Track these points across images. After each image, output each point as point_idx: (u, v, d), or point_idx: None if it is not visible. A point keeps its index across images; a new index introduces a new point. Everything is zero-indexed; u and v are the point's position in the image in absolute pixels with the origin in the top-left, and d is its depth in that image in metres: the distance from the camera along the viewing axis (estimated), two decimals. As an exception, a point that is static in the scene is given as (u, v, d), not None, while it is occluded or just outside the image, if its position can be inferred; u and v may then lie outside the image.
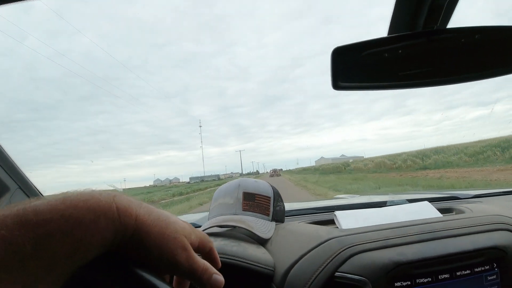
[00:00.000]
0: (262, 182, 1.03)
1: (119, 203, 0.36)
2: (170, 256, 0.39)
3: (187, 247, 0.41)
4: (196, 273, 0.42)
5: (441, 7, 0.64)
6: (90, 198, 0.35)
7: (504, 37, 0.69)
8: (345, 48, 0.67)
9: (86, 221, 0.33)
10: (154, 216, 0.39)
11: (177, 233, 0.41)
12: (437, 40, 0.68)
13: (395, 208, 1.03)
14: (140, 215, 0.38)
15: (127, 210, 0.37)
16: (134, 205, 0.38)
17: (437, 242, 0.76)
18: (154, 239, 0.38)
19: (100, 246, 0.35)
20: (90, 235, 0.33)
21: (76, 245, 0.33)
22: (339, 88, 0.67)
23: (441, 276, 0.71)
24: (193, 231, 0.45)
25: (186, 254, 0.41)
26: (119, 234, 0.36)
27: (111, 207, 0.35)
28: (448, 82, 0.70)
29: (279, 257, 0.80)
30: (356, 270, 0.70)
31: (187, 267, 0.41)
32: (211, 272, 0.43)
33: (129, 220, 0.36)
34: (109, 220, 0.35)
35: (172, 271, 0.42)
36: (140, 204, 0.39)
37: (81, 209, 0.34)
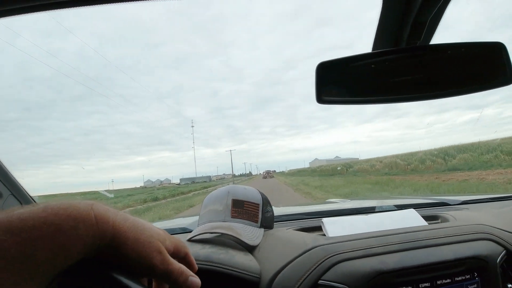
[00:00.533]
0: (251, 189, 1.04)
1: (96, 211, 0.39)
2: (146, 260, 0.41)
3: (162, 250, 0.43)
4: (172, 276, 0.43)
5: (424, 24, 0.66)
6: (69, 207, 0.37)
7: (485, 52, 0.71)
8: (329, 63, 0.68)
9: (66, 227, 0.35)
10: (130, 223, 0.42)
11: (152, 238, 0.43)
12: (420, 55, 0.69)
13: (382, 215, 1.04)
14: (116, 221, 0.40)
15: (104, 217, 0.39)
16: (111, 213, 0.40)
17: (419, 251, 0.77)
18: (130, 244, 0.40)
19: (80, 252, 0.37)
20: (71, 241, 0.35)
21: (58, 250, 0.35)
22: (323, 102, 0.69)
23: (422, 285, 0.73)
24: (168, 237, 0.47)
25: (161, 257, 0.43)
26: (98, 240, 0.38)
27: (90, 215, 0.38)
28: (431, 97, 0.71)
29: (265, 264, 0.81)
30: (339, 278, 0.72)
31: (163, 269, 0.43)
32: (187, 275, 0.45)
33: (107, 227, 0.39)
34: (88, 227, 0.37)
35: (149, 274, 0.43)
36: (116, 212, 0.41)
37: (62, 216, 0.36)
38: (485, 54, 0.70)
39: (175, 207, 16.66)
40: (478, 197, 1.50)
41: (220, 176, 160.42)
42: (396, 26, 0.68)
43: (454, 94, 0.71)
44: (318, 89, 0.68)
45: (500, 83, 0.69)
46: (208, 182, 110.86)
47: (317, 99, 0.69)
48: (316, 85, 0.68)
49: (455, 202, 1.41)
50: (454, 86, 0.71)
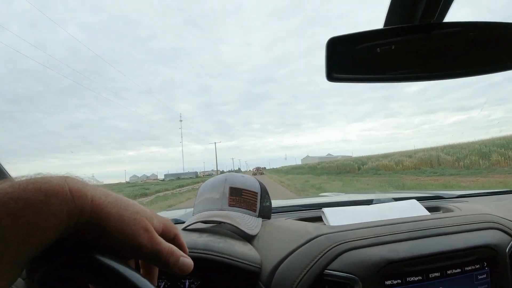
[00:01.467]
0: (249, 177, 1.01)
1: (71, 184, 0.34)
2: (132, 238, 0.36)
3: (149, 228, 0.38)
4: (162, 256, 0.39)
5: (439, 1, 0.63)
6: (40, 180, 0.32)
7: (500, 34, 0.68)
8: (340, 39, 0.65)
9: (36, 202, 0.31)
10: (112, 198, 0.37)
11: (138, 214, 0.38)
12: (434, 34, 0.66)
13: (383, 205, 1.02)
14: (96, 196, 0.35)
15: (81, 191, 0.34)
16: (89, 187, 0.35)
17: (429, 240, 0.75)
18: (113, 221, 0.35)
19: (56, 229, 0.32)
20: (43, 217, 0.31)
21: (28, 228, 0.30)
22: (333, 79, 0.65)
23: (432, 275, 0.70)
24: (155, 215, 0.42)
25: (148, 236, 0.38)
26: (75, 217, 0.33)
27: (63, 188, 0.33)
28: (443, 77, 0.69)
29: (266, 254, 0.78)
30: (346, 268, 0.68)
31: (151, 249, 0.38)
32: (178, 255, 0.40)
33: (84, 201, 0.34)
34: (62, 201, 0.32)
35: (135, 254, 0.39)
36: (95, 187, 0.36)
37: (31, 191, 0.31)
38: (501, 34, 0.68)
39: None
40: (474, 191, 1.49)
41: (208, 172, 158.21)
42: (410, 2, 0.65)
43: (468, 74, 0.68)
44: (328, 66, 0.65)
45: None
46: (194, 178, 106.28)
47: (327, 76, 0.65)
48: (326, 62, 0.65)
49: (451, 196, 1.40)
50: (468, 67, 0.68)
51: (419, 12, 0.65)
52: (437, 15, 0.66)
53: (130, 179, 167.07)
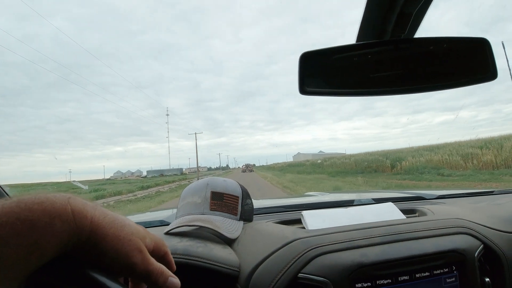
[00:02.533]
0: (231, 181, 1.03)
1: (74, 205, 0.36)
2: (126, 258, 0.39)
3: (142, 249, 0.41)
4: (152, 276, 0.42)
5: (409, 16, 0.65)
6: (44, 201, 0.35)
7: (469, 47, 0.71)
8: (313, 53, 0.67)
9: (41, 223, 0.33)
10: (109, 218, 0.39)
11: (132, 235, 0.41)
12: (404, 48, 0.69)
13: (361, 208, 1.05)
14: (95, 217, 0.37)
15: (82, 212, 0.36)
16: (89, 208, 0.38)
17: (400, 244, 0.77)
18: (109, 241, 0.38)
19: (56, 249, 0.34)
20: (46, 238, 0.33)
21: (32, 248, 0.32)
22: (306, 93, 0.68)
23: (401, 278, 0.73)
24: (148, 234, 0.45)
25: (141, 256, 0.41)
26: (75, 237, 0.35)
27: (66, 209, 0.35)
28: (413, 91, 0.71)
29: (245, 258, 0.80)
30: (319, 272, 0.71)
31: (143, 269, 0.41)
32: (167, 275, 0.43)
33: (84, 222, 0.36)
34: (65, 223, 0.35)
35: (128, 273, 0.41)
36: (95, 206, 0.39)
37: (36, 212, 0.33)
38: (469, 49, 0.70)
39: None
40: (453, 192, 1.52)
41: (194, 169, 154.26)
42: (381, 17, 0.67)
43: (438, 88, 0.71)
44: (301, 80, 0.67)
45: (484, 79, 0.69)
46: (179, 175, 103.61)
47: (300, 90, 0.67)
48: (299, 76, 0.67)
49: (431, 197, 1.43)
50: (437, 81, 0.71)
51: (390, 27, 0.67)
52: (408, 30, 0.68)
53: (114, 174, 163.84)
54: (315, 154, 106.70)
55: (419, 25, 0.69)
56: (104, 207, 0.41)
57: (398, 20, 0.66)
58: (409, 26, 0.67)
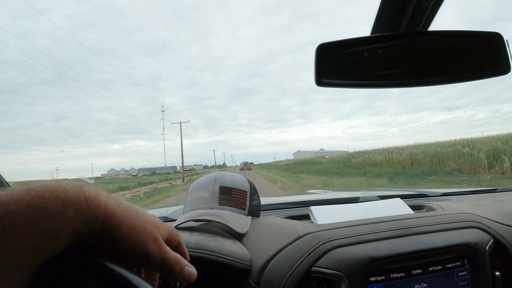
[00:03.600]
0: (239, 176, 1.02)
1: (87, 193, 0.35)
2: (141, 247, 0.38)
3: (157, 238, 0.40)
4: (168, 265, 0.40)
5: (425, 10, 0.66)
6: (57, 188, 0.33)
7: (482, 41, 0.71)
8: (329, 45, 0.67)
9: (54, 211, 0.32)
10: (123, 207, 0.38)
11: (147, 224, 0.40)
12: (419, 42, 0.69)
13: (368, 204, 1.05)
14: (109, 205, 0.36)
15: (96, 200, 0.35)
16: (102, 196, 0.37)
17: (411, 238, 0.78)
18: (124, 230, 0.37)
19: (70, 238, 0.33)
20: (59, 226, 0.32)
21: (44, 237, 0.31)
22: (322, 84, 0.68)
23: (414, 271, 0.73)
24: (162, 224, 0.43)
25: (157, 245, 0.39)
26: (89, 225, 0.34)
27: (79, 197, 0.34)
28: (427, 83, 0.71)
29: (255, 252, 0.80)
30: (333, 265, 0.71)
31: (159, 258, 0.39)
32: (183, 264, 0.42)
33: (99, 211, 0.35)
34: (78, 211, 0.33)
35: (143, 263, 0.40)
36: (108, 195, 0.38)
37: (48, 199, 0.32)
38: (483, 43, 0.71)
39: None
40: (458, 190, 1.53)
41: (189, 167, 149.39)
42: (396, 10, 0.67)
43: (451, 81, 0.71)
44: (317, 71, 0.67)
45: (496, 73, 0.70)
46: (173, 173, 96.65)
47: (316, 81, 0.67)
48: (315, 67, 0.67)
49: (435, 194, 1.43)
50: (451, 74, 0.71)
51: (405, 20, 0.67)
52: (423, 24, 0.68)
53: (108, 172, 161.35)
54: (317, 152, 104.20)
55: (433, 19, 0.70)
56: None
57: (413, 14, 0.66)
58: (423, 20, 0.68)
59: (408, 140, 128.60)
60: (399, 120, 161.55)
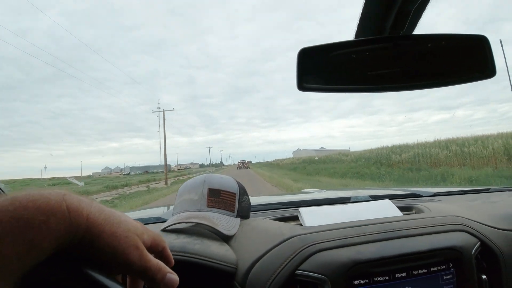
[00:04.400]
0: (228, 178, 1.02)
1: (69, 202, 0.36)
2: (123, 256, 0.39)
3: (139, 246, 0.41)
4: (150, 273, 0.41)
5: (408, 13, 0.65)
6: (39, 198, 0.34)
7: (467, 45, 0.71)
8: (311, 49, 0.67)
9: (36, 222, 0.33)
10: (106, 215, 0.39)
11: (129, 232, 0.40)
12: (402, 45, 0.69)
13: (358, 205, 1.05)
14: (91, 214, 0.37)
15: (78, 209, 0.36)
16: (84, 204, 0.37)
17: (395, 241, 0.78)
18: (106, 238, 0.37)
19: (52, 247, 0.34)
20: (41, 236, 0.33)
21: (28, 247, 0.32)
22: (304, 89, 0.67)
23: (398, 275, 0.73)
24: (145, 230, 0.44)
25: (138, 253, 0.40)
26: (71, 234, 0.35)
27: (61, 207, 0.35)
28: (412, 87, 0.71)
29: (242, 254, 0.80)
30: (317, 268, 0.71)
31: (140, 266, 0.40)
32: (165, 271, 0.43)
33: (80, 220, 0.36)
34: (60, 220, 0.34)
35: (125, 270, 0.41)
36: (91, 202, 0.39)
37: (31, 210, 0.33)
38: (468, 46, 0.70)
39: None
40: (450, 189, 1.53)
41: (185, 166, 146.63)
42: (380, 14, 0.67)
43: (436, 85, 0.71)
44: (299, 76, 0.67)
45: (482, 76, 0.69)
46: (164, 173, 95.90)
47: (298, 86, 0.67)
48: (297, 72, 0.67)
49: (427, 194, 1.43)
50: (436, 78, 0.71)
51: (388, 24, 0.67)
52: (406, 27, 0.68)
53: (103, 170, 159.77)
54: (318, 150, 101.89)
55: (418, 22, 0.69)
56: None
57: (397, 17, 0.66)
58: (407, 23, 0.67)
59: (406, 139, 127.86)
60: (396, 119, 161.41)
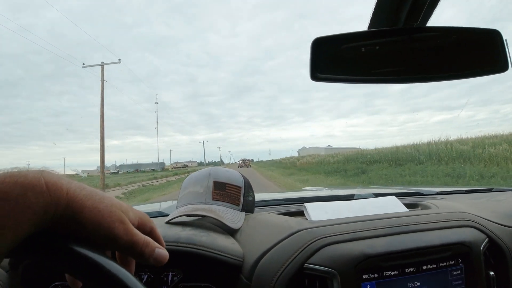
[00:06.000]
0: (233, 171, 1.02)
1: (47, 177, 0.35)
2: (107, 230, 0.38)
3: (124, 220, 0.39)
4: (137, 247, 0.40)
5: (423, 5, 0.65)
6: (16, 174, 0.34)
7: (481, 39, 0.70)
8: (325, 39, 0.66)
9: (13, 195, 0.32)
10: (87, 191, 0.38)
11: (113, 207, 0.39)
12: (416, 37, 0.68)
13: (363, 201, 1.04)
14: (71, 189, 0.36)
15: (57, 184, 0.35)
16: (64, 181, 0.36)
17: (405, 236, 0.77)
18: (88, 213, 0.36)
19: (32, 223, 0.33)
20: (19, 210, 0.32)
21: (4, 222, 0.31)
22: (317, 79, 0.67)
23: (408, 270, 0.73)
24: (131, 209, 0.43)
25: (123, 227, 0.39)
26: (51, 210, 0.34)
27: (39, 181, 0.34)
28: (424, 80, 0.71)
29: (248, 248, 0.79)
30: (326, 262, 0.70)
31: (127, 241, 0.39)
32: (153, 246, 0.41)
33: (60, 194, 0.35)
34: (38, 194, 0.33)
35: (112, 246, 0.40)
36: (70, 180, 0.38)
37: (7, 184, 0.32)
38: (481, 40, 0.70)
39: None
40: (453, 188, 1.53)
41: (182, 164, 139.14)
42: (394, 5, 0.66)
43: (448, 78, 0.70)
44: (313, 66, 0.66)
45: (494, 70, 0.69)
46: (159, 171, 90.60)
47: (311, 76, 0.66)
48: (310, 62, 0.66)
49: (430, 193, 1.43)
50: (448, 70, 0.70)
51: (403, 16, 0.66)
52: (421, 19, 0.67)
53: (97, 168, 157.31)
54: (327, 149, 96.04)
55: (431, 15, 0.69)
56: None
57: (411, 9, 0.65)
58: (422, 15, 0.67)
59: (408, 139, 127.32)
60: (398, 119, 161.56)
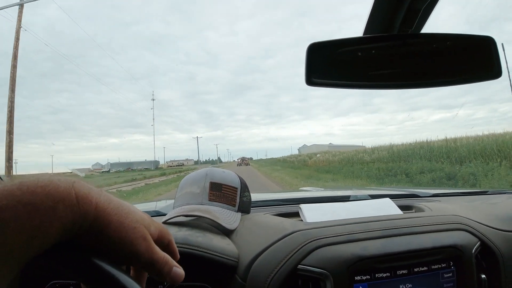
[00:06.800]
0: (230, 172, 1.03)
1: (78, 189, 0.35)
2: (130, 246, 0.38)
3: (147, 237, 0.40)
4: (157, 265, 0.40)
5: (418, 12, 0.66)
6: (48, 184, 0.33)
7: (474, 45, 0.71)
8: (320, 45, 0.67)
9: (44, 208, 0.31)
10: (114, 204, 0.38)
11: (137, 223, 0.39)
12: (411, 44, 0.69)
13: (358, 203, 1.05)
14: (100, 203, 0.36)
15: (87, 197, 0.35)
16: (94, 193, 0.36)
17: (399, 239, 0.78)
18: (113, 228, 0.37)
19: (59, 234, 0.33)
20: (48, 223, 0.32)
21: (33, 233, 0.31)
22: (312, 84, 0.68)
23: (399, 272, 0.74)
24: (152, 222, 0.43)
25: (146, 244, 0.39)
26: (78, 222, 0.34)
27: (70, 194, 0.34)
28: (419, 86, 0.72)
29: (243, 248, 0.80)
30: (319, 263, 0.71)
31: (148, 258, 0.39)
32: (171, 265, 0.42)
33: (89, 208, 0.35)
34: (68, 208, 0.33)
35: (132, 261, 0.40)
36: (100, 192, 0.38)
37: (39, 195, 0.32)
38: (475, 47, 0.71)
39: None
40: (448, 190, 1.54)
41: (177, 162, 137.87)
42: (390, 11, 0.67)
43: (442, 84, 0.71)
44: (308, 71, 0.67)
45: (488, 77, 0.70)
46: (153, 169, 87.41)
47: (307, 80, 0.67)
48: (306, 66, 0.67)
49: (426, 195, 1.44)
50: (442, 77, 0.71)
51: (397, 22, 0.67)
52: (415, 26, 0.68)
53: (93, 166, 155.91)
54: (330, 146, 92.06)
55: (426, 21, 0.69)
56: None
57: (406, 16, 0.66)
58: (416, 22, 0.67)
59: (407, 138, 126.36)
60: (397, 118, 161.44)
